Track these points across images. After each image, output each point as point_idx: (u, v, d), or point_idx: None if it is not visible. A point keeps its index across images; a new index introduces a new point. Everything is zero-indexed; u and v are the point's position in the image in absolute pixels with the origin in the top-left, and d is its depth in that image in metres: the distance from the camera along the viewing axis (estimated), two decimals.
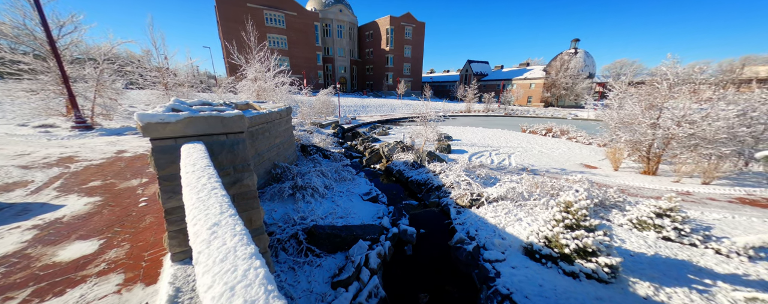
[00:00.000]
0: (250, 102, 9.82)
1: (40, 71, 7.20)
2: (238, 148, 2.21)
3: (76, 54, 7.87)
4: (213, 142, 2.07)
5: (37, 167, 4.48)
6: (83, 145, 6.05)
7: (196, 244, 0.65)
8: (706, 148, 5.98)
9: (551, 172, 8.45)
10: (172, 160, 1.93)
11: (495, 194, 4.82)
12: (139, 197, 3.42)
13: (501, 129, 19.27)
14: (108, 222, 2.82)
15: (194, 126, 1.96)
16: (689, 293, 2.39)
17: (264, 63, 13.48)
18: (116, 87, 9.22)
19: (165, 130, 1.86)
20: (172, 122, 1.86)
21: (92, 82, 8.29)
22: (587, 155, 11.03)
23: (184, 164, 1.29)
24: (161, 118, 1.83)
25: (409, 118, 28.64)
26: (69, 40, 7.61)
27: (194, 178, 1.06)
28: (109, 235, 2.59)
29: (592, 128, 16.19)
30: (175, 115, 1.87)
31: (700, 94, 6.35)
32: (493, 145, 13.29)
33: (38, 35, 7.02)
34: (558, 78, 39.29)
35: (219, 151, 2.09)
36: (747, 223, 4.28)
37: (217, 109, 2.14)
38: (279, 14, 36.62)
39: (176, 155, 1.94)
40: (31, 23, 6.87)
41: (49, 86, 7.41)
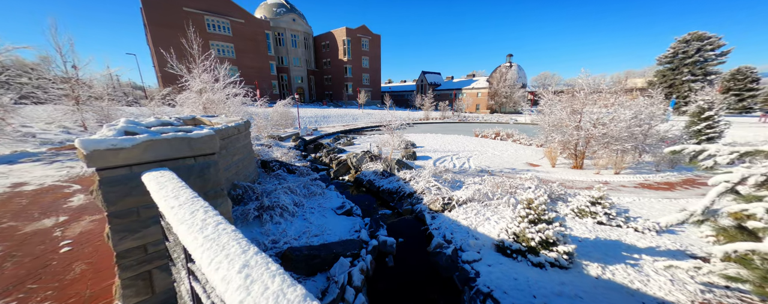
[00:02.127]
0: (197, 117, 8.73)
1: None
2: (209, 172, 1.98)
3: None
4: (179, 168, 1.81)
5: None
6: None
7: (231, 293, 0.58)
8: (615, 145, 7.55)
9: (505, 172, 9.49)
10: (126, 192, 1.62)
11: (464, 197, 5.20)
12: (59, 241, 2.74)
13: (457, 135, 20.93)
14: (15, 279, 2.17)
15: (155, 150, 1.69)
16: (626, 268, 2.96)
17: (211, 73, 12.24)
18: (2, 102, 7.25)
19: (117, 157, 1.56)
20: (126, 148, 1.58)
21: None
22: (530, 155, 12.73)
23: (162, 196, 1.11)
24: (112, 144, 1.54)
25: (372, 127, 29.06)
26: None
27: (187, 213, 0.92)
28: (21, 295, 1.99)
29: (531, 131, 18.82)
30: (130, 139, 1.59)
31: (605, 100, 8.05)
32: (453, 149, 14.33)
33: None
34: (499, 88, 44.84)
35: (186, 177, 1.83)
36: (648, 203, 5.49)
37: (183, 129, 1.88)
38: (223, 20, 34.03)
39: (132, 187, 1.64)
40: None
41: None
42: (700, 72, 30.27)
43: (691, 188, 6.40)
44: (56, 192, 4.17)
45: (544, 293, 2.53)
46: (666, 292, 2.60)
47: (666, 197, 5.76)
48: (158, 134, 1.73)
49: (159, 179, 1.44)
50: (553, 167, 9.54)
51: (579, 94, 8.19)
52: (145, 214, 1.71)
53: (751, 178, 1.49)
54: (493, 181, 5.95)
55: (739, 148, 1.54)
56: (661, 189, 6.39)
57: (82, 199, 3.88)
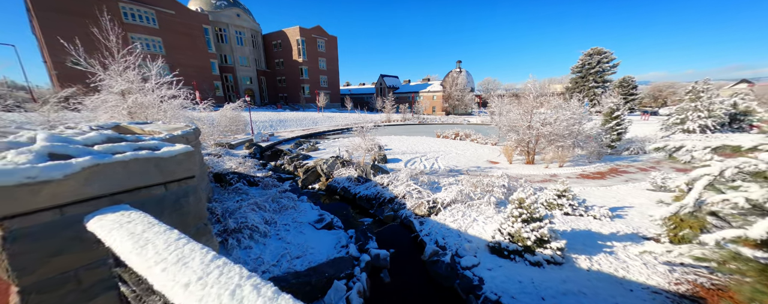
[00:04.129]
0: (121, 124, 6.99)
1: None
2: (188, 203, 1.47)
3: None
4: (144, 202, 1.28)
5: None
6: None
7: None
8: (559, 142, 8.80)
9: (471, 170, 10.14)
10: (54, 250, 1.05)
11: (447, 199, 5.30)
12: None
13: (421, 136, 21.75)
14: None
15: (104, 180, 1.16)
16: (607, 257, 3.35)
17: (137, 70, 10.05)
18: None
19: (38, 197, 1.00)
20: (55, 180, 1.03)
21: None
22: (488, 153, 13.94)
23: (146, 260, 0.68)
24: (28, 176, 0.98)
25: (335, 131, 28.14)
26: None
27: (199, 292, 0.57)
28: None
29: (484, 131, 20.74)
30: (59, 165, 1.04)
31: (550, 103, 9.34)
32: (420, 151, 14.77)
33: None
34: (452, 91, 48.47)
35: (157, 213, 1.31)
36: (591, 191, 6.49)
37: (145, 146, 1.34)
38: (146, 10, 29.01)
39: (66, 240, 1.08)
40: None
41: None
42: (600, 80, 37.94)
43: (617, 175, 7.86)
44: None
45: (551, 293, 2.66)
46: (646, 277, 3.02)
47: (601, 185, 6.91)
48: (107, 155, 1.19)
49: (131, 226, 0.97)
50: (510, 163, 10.61)
51: (529, 97, 9.31)
52: (88, 279, 1.15)
53: (727, 170, 1.81)
54: (469, 181, 6.23)
55: (711, 143, 1.86)
56: (596, 178, 7.66)
57: None
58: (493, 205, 4.89)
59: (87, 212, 1.14)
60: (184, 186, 1.48)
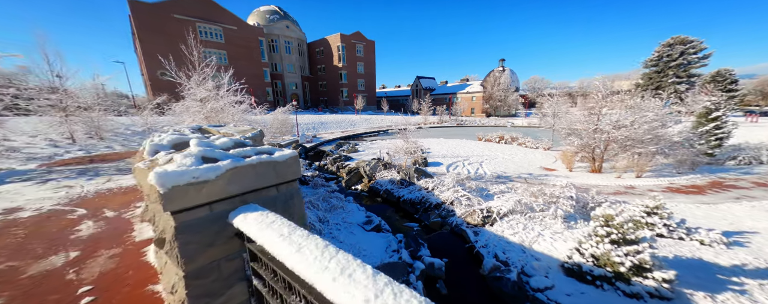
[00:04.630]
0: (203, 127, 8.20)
1: None
2: (293, 203, 1.60)
3: None
4: (262, 200, 1.43)
5: None
6: None
7: None
8: (637, 147, 7.51)
9: (523, 177, 9.32)
10: (208, 241, 1.23)
11: (504, 209, 4.92)
12: (76, 287, 2.25)
13: (460, 139, 20.86)
14: None
15: (239, 181, 1.32)
16: (739, 298, 2.59)
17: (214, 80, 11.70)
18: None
19: (199, 194, 1.18)
20: (210, 180, 1.20)
21: None
22: (541, 159, 12.66)
23: (308, 265, 0.74)
24: (195, 177, 1.15)
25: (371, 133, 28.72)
26: None
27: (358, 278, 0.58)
28: None
29: (533, 134, 18.95)
30: (212, 168, 1.21)
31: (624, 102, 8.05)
32: (461, 154, 14.15)
33: None
34: (493, 92, 45.57)
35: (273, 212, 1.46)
36: (688, 210, 5.36)
37: (262, 150, 1.51)
38: (215, 28, 33.48)
39: (214, 233, 1.26)
40: None
41: None
42: (684, 74, 31.63)
43: (722, 191, 6.36)
44: (59, 219, 3.62)
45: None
46: None
47: (702, 202, 5.66)
48: (241, 159, 1.36)
49: (268, 224, 1.07)
50: (570, 171, 9.45)
51: (596, 96, 8.17)
52: (227, 269, 1.31)
53: None
54: (528, 189, 5.71)
55: None
56: (692, 193, 6.32)
57: (91, 227, 3.36)
58: (560, 219, 4.37)
59: (226, 209, 1.31)
60: (291, 188, 1.61)
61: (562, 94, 18.01)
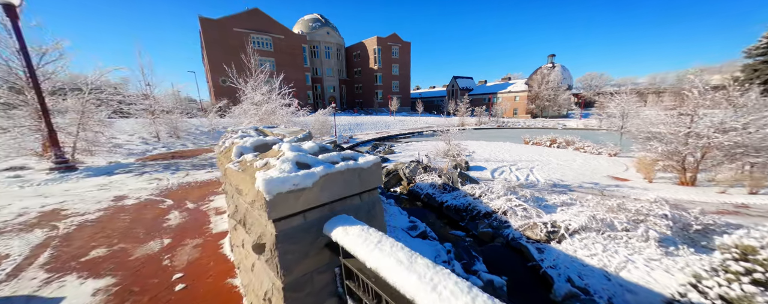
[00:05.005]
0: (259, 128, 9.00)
1: (14, 105, 6.08)
2: (375, 213, 1.52)
3: (58, 84, 6.82)
4: (348, 209, 1.37)
5: (10, 230, 3.40)
6: (68, 192, 4.93)
7: None
8: (749, 156, 5.94)
9: (585, 186, 8.15)
10: (303, 251, 1.20)
11: (574, 224, 4.28)
12: (170, 273, 2.51)
13: (503, 142, 19.37)
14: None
15: (330, 189, 1.27)
16: None
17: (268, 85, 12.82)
18: (100, 118, 8.11)
19: (297, 202, 1.16)
20: (308, 187, 1.17)
21: (76, 115, 7.18)
22: (608, 166, 10.98)
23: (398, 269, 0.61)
24: (295, 184, 1.13)
25: (406, 134, 28.47)
26: (52, 68, 6.61)
27: None
28: None
29: (592, 137, 16.63)
30: (309, 174, 1.18)
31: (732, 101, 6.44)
32: (506, 159, 13.06)
33: (13, 65, 6.00)
34: (540, 90, 41.51)
35: None
36: None
37: (346, 156, 1.46)
38: (266, 38, 36.76)
39: (309, 244, 1.22)
40: (6, 52, 5.87)
41: (24, 122, 6.25)
42: None
43: None
44: (153, 208, 4.20)
45: None
46: None
47: None
48: (331, 166, 1.31)
49: (376, 244, 0.97)
50: (649, 182, 7.95)
51: (691, 92, 6.71)
52: (319, 283, 1.27)
53: None
54: (603, 203, 4.90)
55: None
56: None
57: (177, 217, 3.81)
58: (654, 242, 3.60)
59: (316, 217, 1.27)
60: (373, 196, 1.53)
61: (630, 92, 15.44)
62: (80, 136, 7.10)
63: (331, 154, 1.45)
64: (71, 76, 7.35)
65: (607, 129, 16.54)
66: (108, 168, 6.79)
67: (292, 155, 1.29)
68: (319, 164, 1.31)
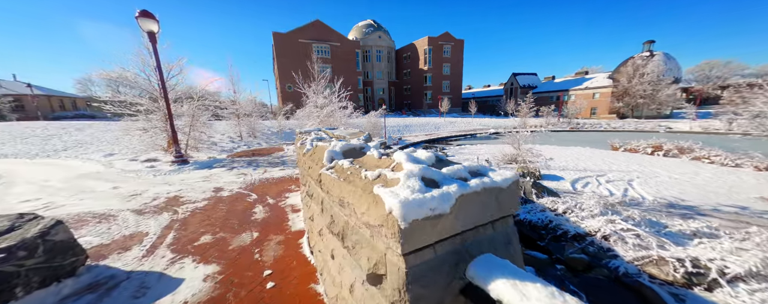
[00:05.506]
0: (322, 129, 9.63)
1: (152, 111, 7.93)
2: (513, 248, 1.19)
3: (179, 94, 8.59)
4: (480, 242, 1.07)
5: (148, 211, 4.24)
6: (183, 182, 6.02)
7: None
8: None
9: (725, 210, 6.03)
10: (438, 299, 0.96)
11: (735, 266, 3.06)
12: (261, 268, 2.64)
13: (582, 147, 16.34)
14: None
15: (464, 213, 0.99)
16: None
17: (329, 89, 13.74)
18: (204, 120, 9.87)
19: (433, 231, 0.92)
20: (445, 213, 0.91)
21: (188, 119, 8.92)
22: (753, 184, 8.02)
23: None
24: (431, 208, 0.89)
25: (458, 136, 26.89)
26: (174, 81, 8.32)
27: None
28: None
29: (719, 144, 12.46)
30: (445, 195, 0.92)
31: None
32: (589, 167, 10.86)
33: (153, 80, 7.76)
34: (632, 85, 33.90)
35: (492, 260, 1.07)
36: None
37: (473, 170, 1.17)
38: (325, 46, 39.82)
39: (441, 287, 0.97)
40: (148, 69, 7.65)
41: (158, 124, 8.08)
42: None
43: None
44: (242, 201, 4.72)
45: None
46: None
47: None
48: (465, 184, 1.02)
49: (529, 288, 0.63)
50: None
51: None
52: None
53: None
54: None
55: None
56: None
57: (261, 211, 4.16)
58: None
59: (447, 251, 0.99)
60: (508, 226, 1.19)
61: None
62: (191, 136, 8.81)
63: (455, 167, 1.17)
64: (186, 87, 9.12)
65: (746, 134, 12.19)
66: (208, 162, 8.13)
67: (416, 169, 1.05)
68: (450, 181, 1.04)
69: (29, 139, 12.73)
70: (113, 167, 7.72)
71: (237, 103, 14.95)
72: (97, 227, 3.67)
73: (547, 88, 45.91)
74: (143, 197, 4.98)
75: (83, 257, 2.59)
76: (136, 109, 7.92)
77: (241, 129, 15.43)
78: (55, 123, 18.30)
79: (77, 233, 3.46)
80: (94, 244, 3.18)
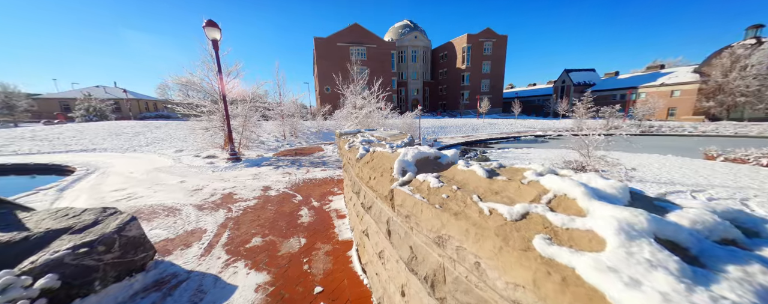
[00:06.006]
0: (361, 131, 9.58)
1: (213, 112, 8.74)
2: None
3: (234, 96, 9.33)
4: None
5: (207, 207, 4.47)
6: (236, 179, 6.37)
7: None
8: None
9: None
10: None
11: None
12: (312, 283, 2.43)
13: (662, 155, 13.58)
14: None
15: None
16: None
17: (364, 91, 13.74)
18: (254, 121, 10.57)
19: None
20: None
21: (241, 119, 9.63)
22: None
23: None
24: None
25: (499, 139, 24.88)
26: (231, 84, 9.00)
27: None
28: None
29: None
30: None
31: None
32: (677, 180, 8.83)
33: (214, 84, 8.51)
34: (729, 80, 27.55)
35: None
36: None
37: (735, 217, 0.70)
38: (362, 48, 40.54)
39: None
40: (211, 74, 8.41)
41: (217, 124, 8.88)
42: None
43: None
44: (289, 201, 4.72)
45: None
46: None
47: None
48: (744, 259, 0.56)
49: None
50: None
51: None
52: None
53: None
54: None
55: None
56: None
57: (307, 215, 4.06)
58: None
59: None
60: None
61: None
62: (243, 135, 9.50)
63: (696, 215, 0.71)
64: (241, 90, 9.84)
65: None
66: (257, 160, 8.61)
67: (633, 219, 0.62)
68: (718, 251, 0.59)
69: (121, 135, 15.25)
70: (181, 162, 8.67)
71: (282, 105, 15.86)
72: (166, 219, 3.95)
73: (609, 86, 40.02)
74: (203, 192, 5.34)
75: (152, 253, 2.70)
76: (200, 110, 8.81)
77: (285, 129, 16.34)
78: (140, 122, 21.75)
79: (149, 225, 3.75)
80: (162, 237, 3.37)
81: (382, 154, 2.19)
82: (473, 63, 44.67)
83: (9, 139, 13.33)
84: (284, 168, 7.57)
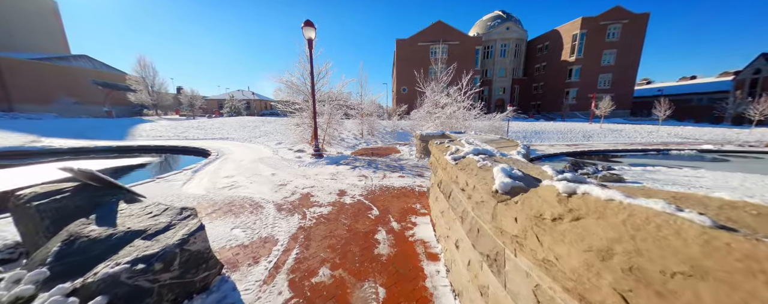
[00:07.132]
0: (446, 133, 8.21)
1: (304, 109, 9.36)
2: None
3: (322, 95, 9.73)
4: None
5: (285, 208, 4.22)
6: (316, 177, 6.24)
7: None
8: None
9: None
10: None
11: None
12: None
13: None
14: None
15: None
16: None
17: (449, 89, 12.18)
18: (337, 119, 10.83)
19: None
20: None
21: (326, 117, 9.98)
22: None
23: None
24: None
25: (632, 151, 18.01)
26: (320, 84, 9.35)
27: None
28: None
29: None
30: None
31: None
32: None
33: (307, 82, 9.00)
34: None
35: None
36: None
37: None
38: (443, 46, 38.28)
39: None
40: (305, 73, 8.93)
41: (307, 121, 9.48)
42: None
43: None
44: (364, 216, 3.94)
45: None
46: None
47: None
48: None
49: None
50: None
51: None
52: None
53: None
54: None
55: None
56: None
57: (385, 243, 3.10)
58: None
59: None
60: None
61: None
62: (327, 132, 9.82)
63: None
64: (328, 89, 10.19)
65: None
66: (336, 158, 8.57)
67: None
68: None
69: (246, 128, 19.17)
70: (278, 154, 9.66)
71: (362, 104, 16.20)
72: (249, 218, 3.83)
73: None
74: (286, 188, 5.30)
75: (217, 269, 2.28)
76: (294, 108, 9.60)
77: (363, 127, 16.67)
78: (260, 118, 27.25)
79: (234, 222, 3.66)
80: (239, 241, 3.11)
81: (549, 189, 0.87)
82: (588, 53, 35.13)
83: (186, 128, 18.87)
84: (361, 169, 7.09)
